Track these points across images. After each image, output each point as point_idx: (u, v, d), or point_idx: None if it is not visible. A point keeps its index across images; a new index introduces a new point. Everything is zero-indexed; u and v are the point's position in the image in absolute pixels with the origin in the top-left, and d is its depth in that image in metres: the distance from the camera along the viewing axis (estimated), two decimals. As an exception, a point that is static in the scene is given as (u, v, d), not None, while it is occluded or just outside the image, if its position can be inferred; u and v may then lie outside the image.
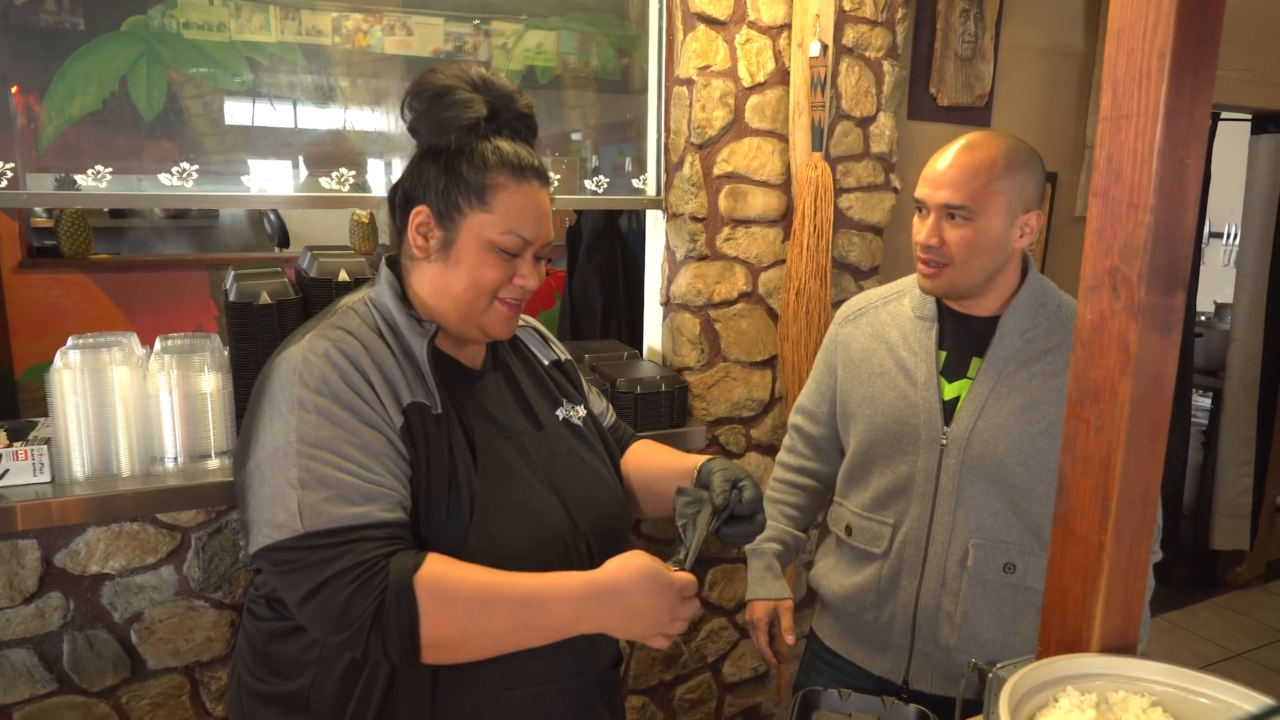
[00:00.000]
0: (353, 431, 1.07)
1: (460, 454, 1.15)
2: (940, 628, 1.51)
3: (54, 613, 1.71)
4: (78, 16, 1.77)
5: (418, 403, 1.13)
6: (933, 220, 1.44)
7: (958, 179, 1.41)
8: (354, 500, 1.05)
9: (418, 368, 1.16)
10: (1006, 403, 1.46)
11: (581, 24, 2.22)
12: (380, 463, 1.08)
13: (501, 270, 1.17)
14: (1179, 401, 3.77)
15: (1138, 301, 0.90)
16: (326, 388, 1.08)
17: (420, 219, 1.18)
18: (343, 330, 1.14)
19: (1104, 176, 0.93)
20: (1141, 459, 0.95)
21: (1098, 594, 0.97)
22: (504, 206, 1.15)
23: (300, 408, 1.07)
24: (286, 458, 1.05)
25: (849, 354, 1.63)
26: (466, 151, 1.16)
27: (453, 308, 1.19)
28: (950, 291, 1.48)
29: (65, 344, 1.72)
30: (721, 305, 2.34)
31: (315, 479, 1.05)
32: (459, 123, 1.15)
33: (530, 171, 1.18)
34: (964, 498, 1.48)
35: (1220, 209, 4.89)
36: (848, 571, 1.62)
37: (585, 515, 1.24)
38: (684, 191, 2.26)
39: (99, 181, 1.81)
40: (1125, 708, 0.90)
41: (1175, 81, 0.86)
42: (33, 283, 4.00)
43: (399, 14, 2.02)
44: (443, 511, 1.12)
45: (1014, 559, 1.48)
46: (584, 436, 1.34)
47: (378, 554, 1.04)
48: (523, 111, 1.22)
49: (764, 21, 2.24)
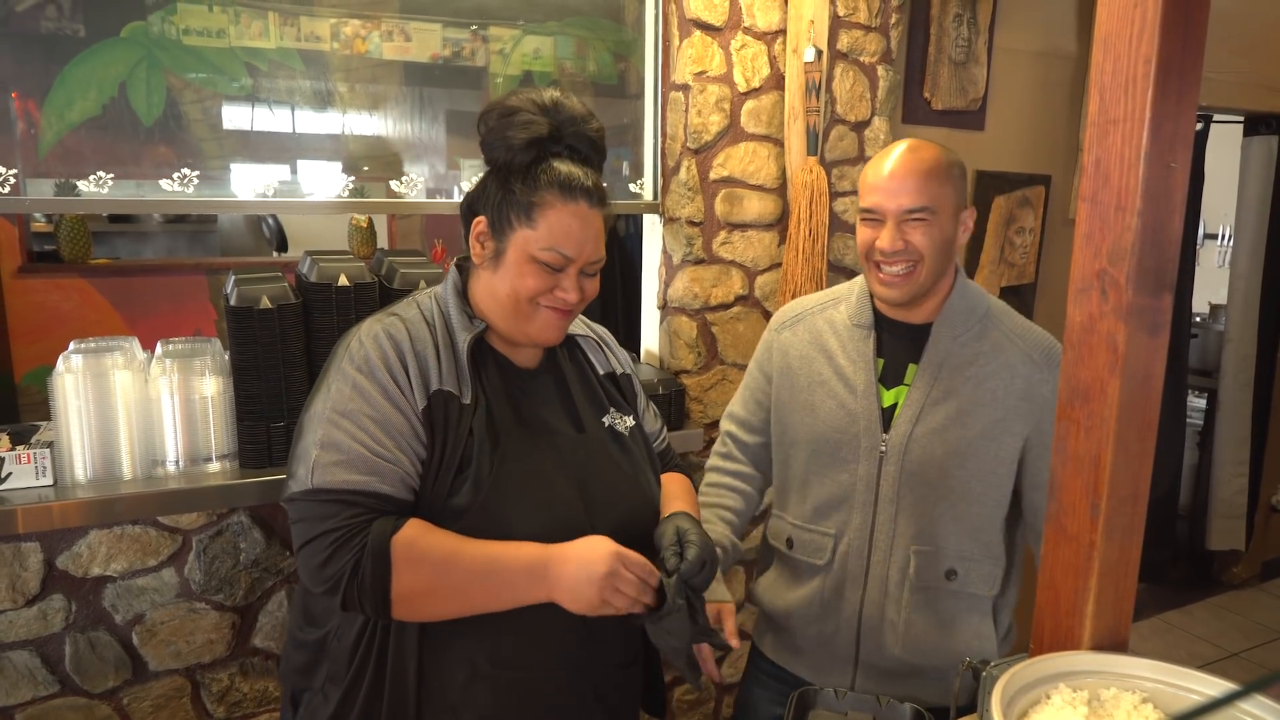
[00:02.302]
0: (376, 408, 1.19)
1: (480, 447, 1.22)
2: (885, 637, 1.50)
3: (56, 615, 1.72)
4: (78, 23, 1.78)
5: (445, 390, 1.23)
6: (891, 227, 1.44)
7: (913, 183, 1.42)
8: (359, 468, 1.16)
9: (456, 359, 1.26)
10: (942, 407, 1.47)
11: (578, 29, 2.23)
12: (394, 439, 1.19)
13: (542, 281, 1.24)
14: (1174, 402, 3.79)
15: (1126, 303, 0.92)
16: (366, 365, 1.21)
17: (479, 228, 1.28)
18: (397, 317, 1.27)
19: (1092, 180, 0.95)
20: (1131, 458, 0.96)
21: (1089, 592, 0.98)
22: (548, 224, 1.23)
23: (341, 379, 1.21)
24: (320, 421, 1.19)
25: (786, 361, 1.62)
26: (521, 169, 1.24)
27: (499, 312, 1.28)
28: (916, 294, 1.47)
29: (66, 348, 1.73)
30: (718, 308, 2.36)
31: (332, 443, 1.17)
32: (517, 141, 1.23)
33: (580, 192, 1.24)
34: (904, 505, 1.48)
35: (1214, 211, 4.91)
36: (790, 585, 1.60)
37: (608, 517, 1.28)
38: (680, 196, 2.28)
39: (100, 187, 1.82)
40: (1117, 704, 0.91)
41: (1161, 87, 0.88)
42: (33, 287, 4.01)
43: (397, 20, 2.04)
44: (445, 493, 1.21)
45: (955, 565, 1.48)
46: (626, 445, 1.38)
47: (364, 519, 1.16)
48: (588, 134, 1.28)
49: (759, 27, 2.26)
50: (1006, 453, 1.48)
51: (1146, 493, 0.99)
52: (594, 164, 1.30)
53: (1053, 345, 1.51)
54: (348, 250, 3.10)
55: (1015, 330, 1.52)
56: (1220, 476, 3.98)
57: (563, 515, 1.25)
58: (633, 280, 3.47)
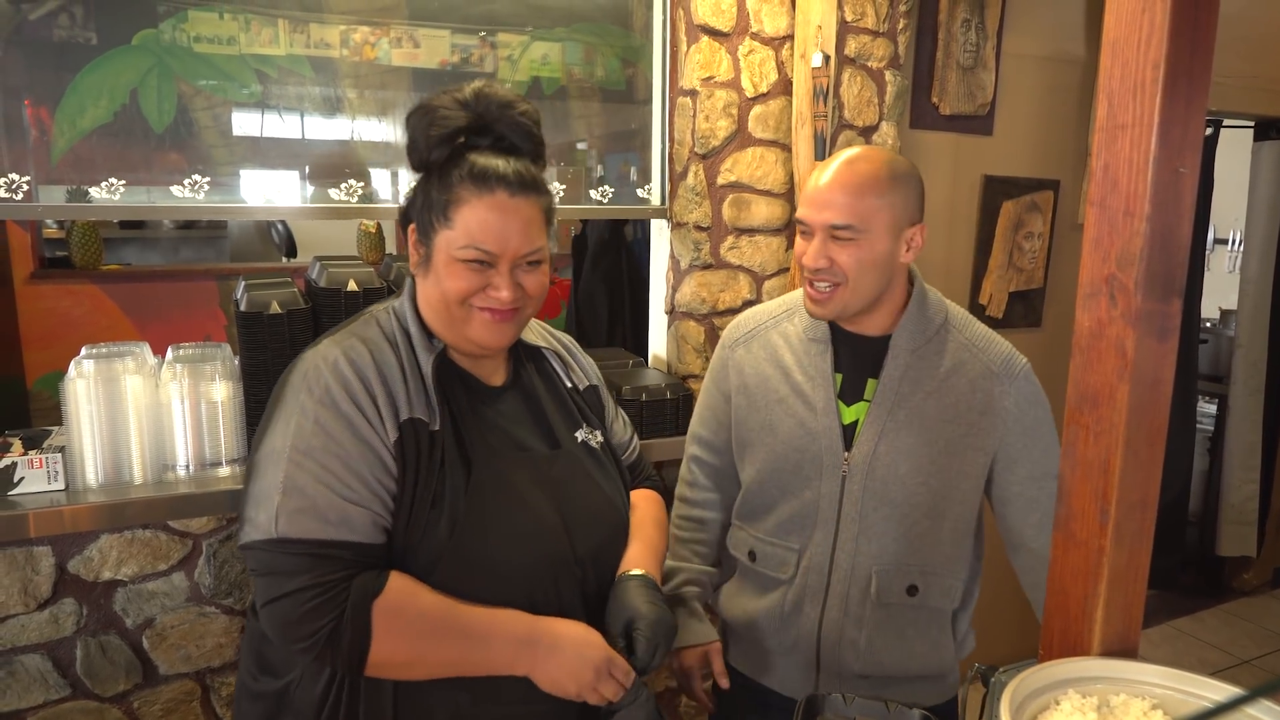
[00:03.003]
0: (343, 446, 1.10)
1: (452, 472, 1.16)
2: (844, 655, 1.48)
3: (67, 619, 1.73)
4: (90, 31, 1.79)
5: (415, 418, 1.15)
6: (818, 242, 1.39)
7: (841, 198, 1.36)
8: (328, 517, 1.08)
9: (422, 382, 1.19)
10: (905, 425, 1.43)
11: (586, 35, 2.24)
12: (363, 481, 1.11)
13: (469, 281, 1.17)
14: (1184, 408, 3.77)
15: (1135, 308, 0.91)
16: (328, 397, 1.11)
17: (413, 236, 1.22)
18: (357, 339, 1.18)
19: (1100, 186, 0.94)
20: (1140, 464, 0.96)
21: (1098, 598, 0.98)
22: (464, 221, 1.15)
23: (301, 414, 1.11)
24: (279, 460, 1.10)
25: (742, 379, 1.56)
26: (438, 168, 1.18)
27: (437, 318, 1.21)
28: (841, 314, 1.43)
29: (77, 353, 1.75)
30: (726, 313, 2.36)
31: (296, 487, 1.08)
32: (431, 138, 1.17)
33: (496, 182, 1.16)
34: (867, 524, 1.45)
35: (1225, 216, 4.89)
36: (752, 595, 1.57)
37: (588, 538, 1.25)
38: (688, 201, 2.28)
39: (111, 193, 1.83)
40: (1126, 711, 0.91)
41: (1169, 92, 0.88)
42: (44, 293, 4.04)
43: (406, 26, 2.05)
44: (419, 530, 1.14)
45: (916, 580, 1.46)
46: (600, 460, 1.34)
47: (342, 575, 1.08)
48: (515, 120, 1.20)
49: (766, 33, 2.26)
50: (972, 468, 1.45)
51: (1156, 498, 0.99)
52: (526, 152, 1.22)
53: (1012, 355, 1.47)
54: (356, 255, 3.11)
55: (975, 341, 1.48)
56: (1231, 482, 3.96)
57: (544, 542, 1.21)
58: (640, 285, 3.48)
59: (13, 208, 1.78)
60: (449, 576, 1.14)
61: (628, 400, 2.17)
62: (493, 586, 1.16)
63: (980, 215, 2.83)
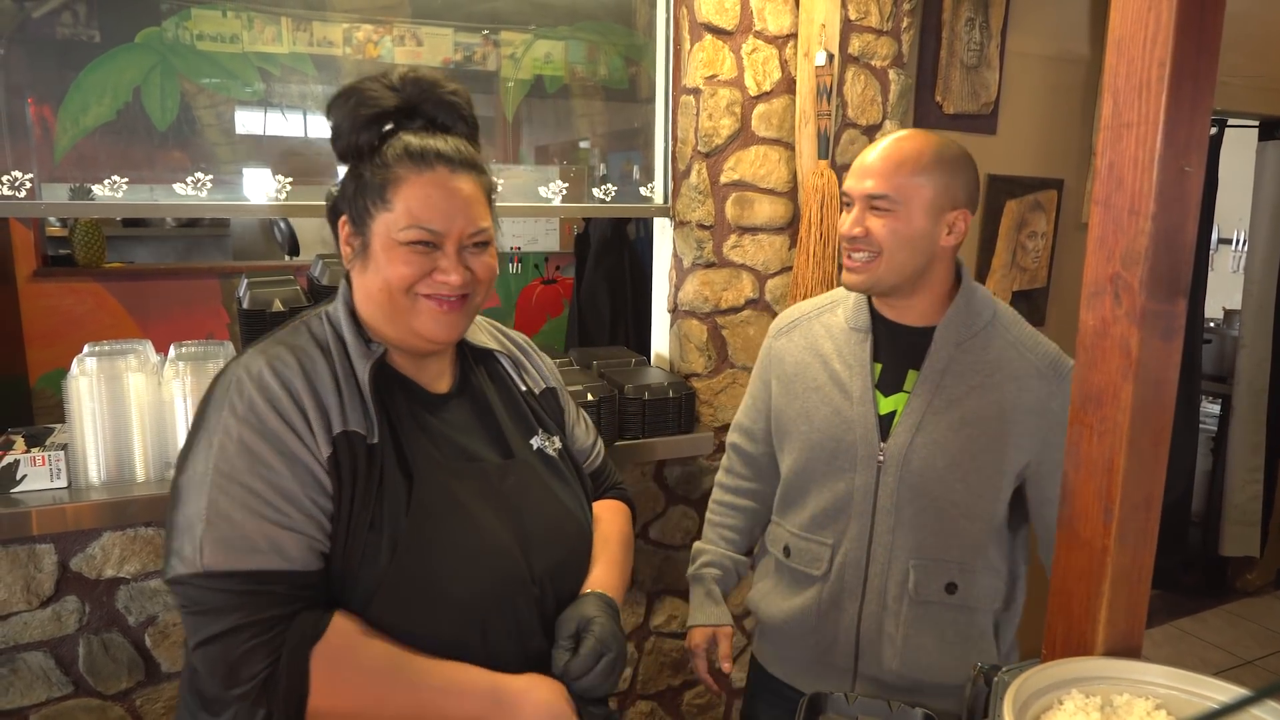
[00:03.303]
0: (270, 467, 1.02)
1: (391, 490, 1.07)
2: (883, 651, 1.46)
3: (70, 616, 1.73)
4: (93, 29, 1.79)
5: (351, 431, 1.06)
6: (857, 211, 1.41)
7: (882, 169, 1.39)
8: (258, 544, 1.00)
9: (359, 391, 1.09)
10: (944, 418, 1.42)
11: (589, 34, 2.24)
12: (295, 504, 1.02)
13: (415, 267, 1.08)
14: (1187, 408, 3.76)
15: (1139, 307, 0.91)
16: (253, 415, 1.03)
17: (345, 229, 1.13)
18: (285, 347, 1.09)
19: (1105, 184, 0.94)
20: (1144, 463, 0.95)
21: (1102, 597, 0.97)
22: (405, 200, 1.07)
23: (224, 434, 1.02)
24: (202, 485, 1.01)
25: (783, 368, 1.57)
26: (369, 150, 1.11)
27: (379, 313, 1.12)
28: (876, 286, 1.43)
29: (80, 351, 1.75)
30: (728, 312, 2.36)
31: (222, 516, 0.99)
32: (359, 120, 1.10)
33: (435, 158, 1.09)
34: (903, 516, 1.43)
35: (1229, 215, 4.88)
36: (787, 594, 1.56)
37: (546, 554, 1.17)
38: (691, 199, 2.28)
39: (114, 191, 1.83)
40: (1130, 710, 0.91)
41: (1175, 90, 0.87)
42: (47, 291, 4.04)
43: (409, 25, 2.05)
44: (358, 554, 1.05)
45: (955, 579, 1.44)
46: (557, 468, 1.25)
47: (278, 612, 1.00)
48: (445, 100, 1.14)
49: (770, 31, 2.26)
50: (1011, 467, 1.43)
51: (1160, 498, 0.98)
52: (460, 133, 1.15)
53: (1060, 358, 1.46)
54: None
55: (1023, 340, 1.47)
56: (1234, 483, 3.95)
57: (496, 561, 1.12)
58: (643, 283, 3.48)
59: (16, 205, 1.78)
60: (392, 604, 1.05)
61: (630, 399, 2.17)
62: (441, 613, 1.07)
63: (984, 214, 2.83)
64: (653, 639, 2.42)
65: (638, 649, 2.41)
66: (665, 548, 2.38)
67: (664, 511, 2.36)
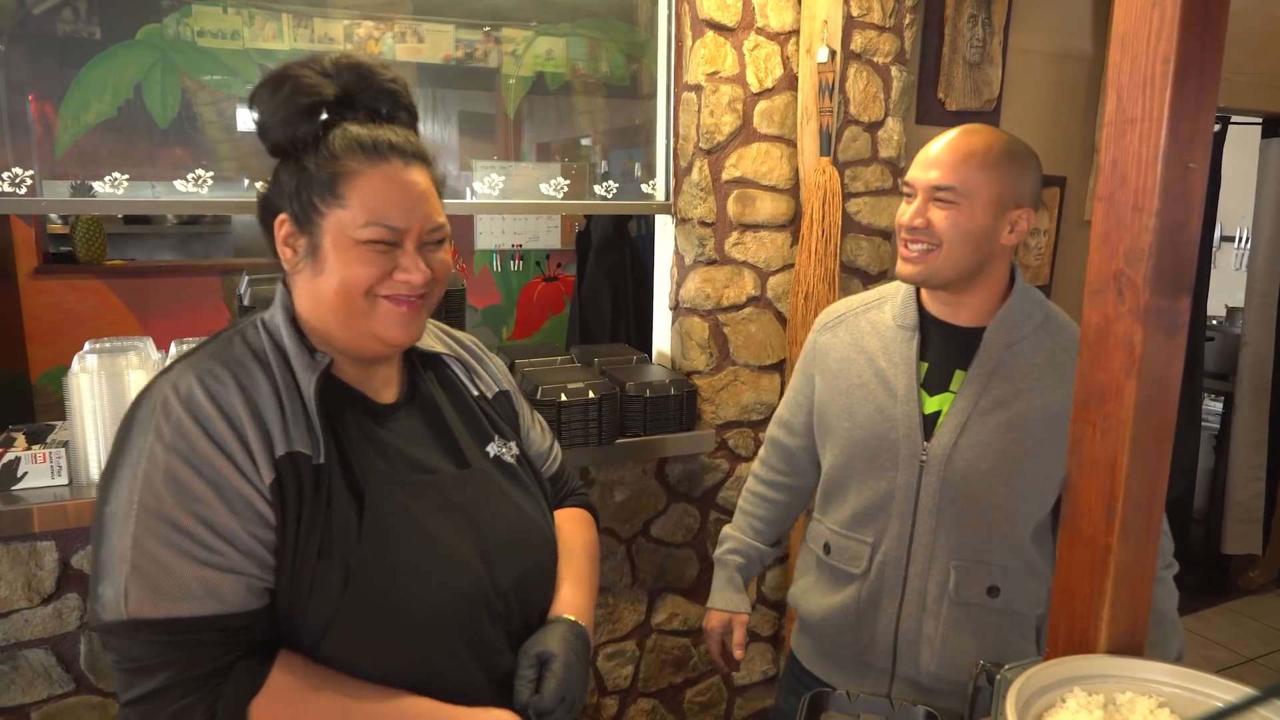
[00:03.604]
0: (202, 501, 0.91)
1: (340, 512, 0.98)
2: (921, 653, 1.45)
3: (71, 614, 1.73)
4: (94, 25, 1.79)
5: (295, 452, 0.97)
6: (919, 202, 1.39)
7: (949, 160, 1.36)
8: (190, 589, 0.89)
9: (303, 407, 1.00)
10: (990, 419, 1.40)
11: (591, 30, 2.23)
12: (232, 541, 0.92)
13: (373, 266, 1.00)
14: (1190, 405, 3.76)
15: (1143, 304, 0.91)
16: (182, 440, 0.92)
17: (284, 229, 1.03)
18: (218, 362, 0.99)
19: (1109, 181, 0.94)
20: (1148, 461, 0.95)
21: (1104, 595, 0.97)
22: (359, 196, 0.99)
23: (149, 462, 0.91)
24: (127, 522, 0.90)
25: (827, 363, 1.56)
26: (310, 142, 1.01)
27: (333, 318, 1.03)
28: (931, 279, 1.40)
29: (81, 349, 1.74)
30: (730, 309, 2.35)
31: (148, 557, 0.89)
32: (296, 108, 1.00)
33: (389, 150, 1.01)
34: (944, 517, 1.42)
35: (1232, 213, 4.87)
36: (826, 591, 1.55)
37: (510, 568, 1.10)
38: (693, 196, 2.27)
39: (115, 188, 1.83)
40: (1133, 709, 0.90)
41: (1179, 87, 0.87)
42: (49, 288, 4.05)
43: (410, 21, 2.04)
44: (306, 585, 0.95)
45: (997, 581, 1.42)
46: (516, 475, 1.18)
47: (214, 666, 0.90)
48: (385, 88, 1.05)
49: (772, 28, 2.25)
50: (1056, 472, 1.40)
51: (1163, 496, 0.98)
52: (402, 122, 1.07)
53: None
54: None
55: (1075, 345, 1.42)
56: (1236, 480, 3.94)
57: (458, 579, 1.04)
58: (644, 281, 3.48)
59: (16, 202, 1.78)
60: (349, 636, 0.96)
61: (631, 396, 2.17)
62: (404, 638, 0.99)
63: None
64: (654, 637, 2.42)
65: (639, 647, 2.40)
66: (666, 545, 2.38)
67: (665, 509, 2.36)
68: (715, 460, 2.39)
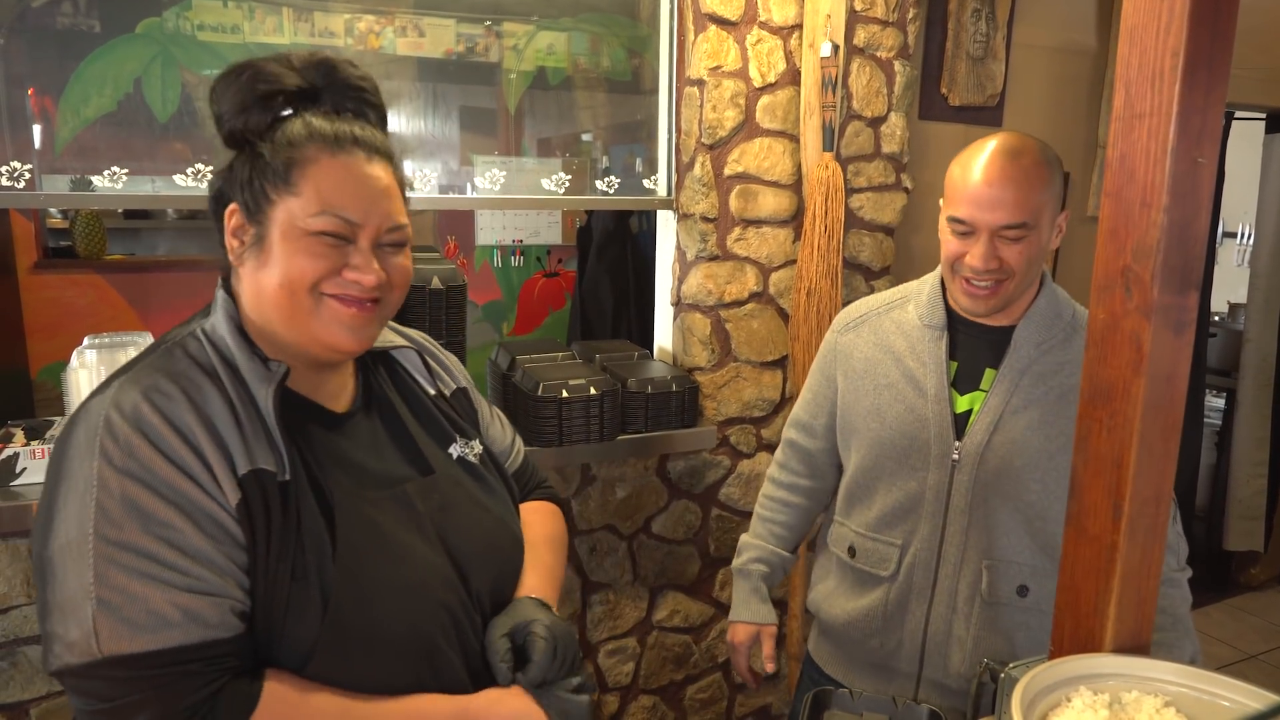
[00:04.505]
0: (169, 525, 0.85)
1: (311, 533, 0.92)
2: (951, 655, 1.43)
3: (70, 610, 1.72)
4: (93, 19, 1.78)
5: (258, 469, 0.90)
6: (985, 242, 1.32)
7: (1013, 196, 1.30)
8: (168, 618, 0.83)
9: (261, 421, 0.93)
10: (1022, 417, 1.39)
11: (592, 25, 2.22)
12: (207, 564, 0.86)
13: (320, 260, 0.93)
14: (1192, 402, 3.75)
15: (1150, 301, 0.90)
16: (134, 462, 0.85)
17: (234, 220, 0.97)
18: (162, 375, 0.91)
19: (1117, 176, 0.93)
20: (1154, 459, 0.94)
21: (1110, 594, 0.96)
22: (313, 183, 0.93)
23: (101, 490, 0.84)
24: (82, 555, 0.83)
25: (850, 364, 1.54)
26: (266, 128, 0.96)
27: (275, 315, 0.96)
28: (1002, 308, 1.39)
29: (81, 343, 1.74)
30: (732, 305, 2.35)
31: (116, 590, 0.82)
32: (253, 95, 0.95)
33: (351, 142, 0.95)
34: (977, 516, 1.40)
35: (1234, 209, 4.86)
36: (851, 595, 1.53)
37: (484, 572, 1.07)
38: (695, 192, 2.26)
39: (115, 183, 1.82)
40: (1138, 708, 0.90)
41: (1188, 80, 0.86)
42: (48, 283, 4.04)
43: (411, 16, 2.03)
44: (282, 609, 0.90)
45: (1027, 581, 1.41)
46: (481, 475, 1.14)
47: (200, 696, 0.84)
48: (352, 84, 1.00)
49: (775, 22, 2.24)
50: None
51: (1170, 494, 0.97)
52: (369, 121, 1.01)
53: None
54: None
55: None
56: (1239, 477, 3.94)
57: (435, 591, 1.01)
58: (645, 276, 3.47)
59: (16, 196, 1.77)
60: (332, 660, 0.91)
61: (633, 392, 2.16)
62: (387, 660, 0.95)
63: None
64: (655, 633, 2.41)
65: (640, 644, 2.40)
66: (668, 542, 2.37)
67: (667, 506, 2.36)
68: (717, 457, 2.39)
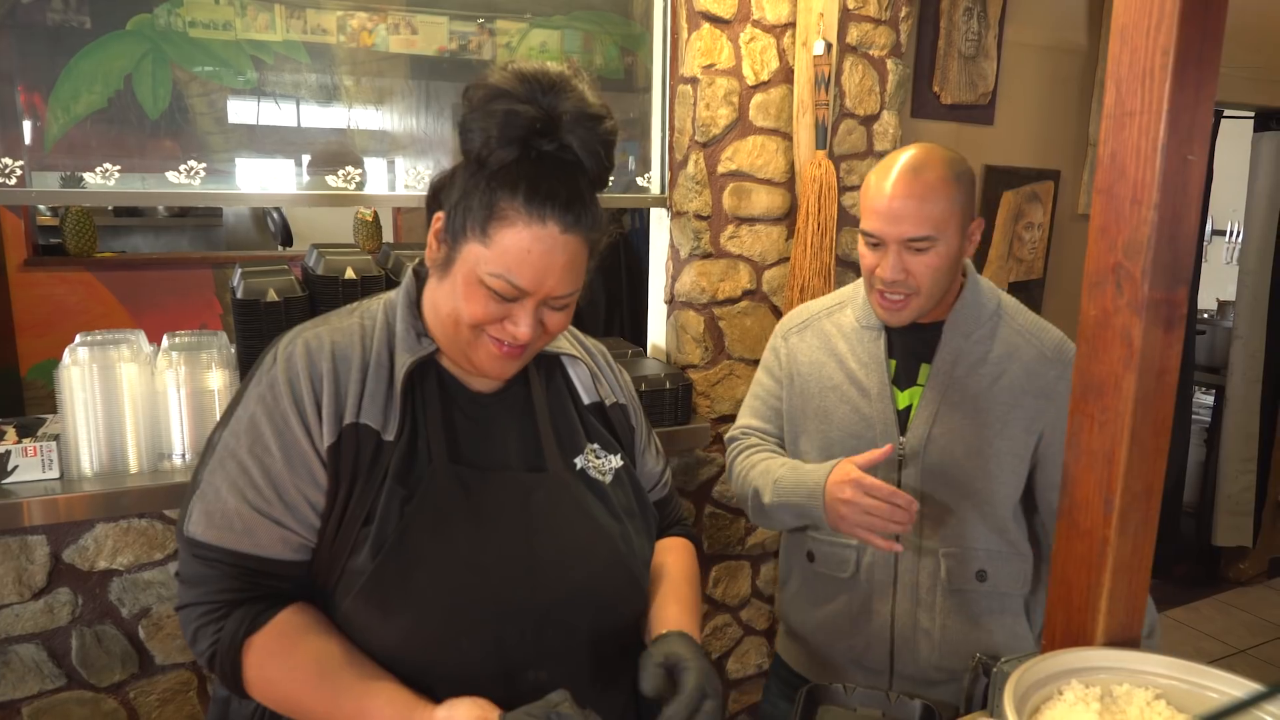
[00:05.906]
0: (268, 448, 1.00)
1: (391, 490, 1.01)
2: (919, 647, 1.47)
3: (62, 608, 1.72)
4: (84, 15, 1.77)
5: (362, 424, 1.03)
6: (893, 255, 1.37)
7: (915, 210, 1.34)
8: (233, 524, 0.99)
9: (390, 385, 1.05)
10: (959, 408, 1.44)
11: (585, 23, 2.22)
12: (280, 490, 1.00)
13: (488, 309, 1.02)
14: (1181, 398, 3.77)
15: (1141, 297, 0.91)
16: (270, 391, 1.02)
17: (438, 225, 1.05)
18: (327, 328, 1.08)
19: (1108, 173, 0.94)
20: (1145, 454, 0.95)
21: (1102, 588, 0.97)
22: (503, 245, 0.99)
23: (246, 404, 1.03)
24: (214, 450, 1.03)
25: (797, 367, 1.56)
26: (491, 168, 1.00)
27: (440, 329, 1.08)
28: (915, 318, 1.44)
29: (72, 341, 1.73)
30: (725, 303, 2.35)
31: (213, 488, 1.01)
32: (494, 133, 0.99)
33: (551, 210, 0.99)
34: (928, 508, 1.44)
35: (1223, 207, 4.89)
36: (815, 600, 1.55)
37: (558, 582, 1.06)
38: (688, 190, 2.27)
39: (105, 180, 1.81)
40: (1130, 701, 0.90)
41: (1179, 78, 0.87)
42: (38, 280, 4.02)
43: (404, 13, 2.03)
44: (347, 547, 1.01)
45: (985, 565, 1.45)
46: (602, 492, 1.14)
47: (233, 598, 1.00)
48: (594, 138, 1.02)
49: (768, 20, 2.25)
50: (1024, 450, 1.45)
51: (1161, 489, 0.98)
52: (588, 173, 1.03)
53: (1064, 341, 1.49)
54: (354, 244, 3.10)
55: (1028, 328, 1.50)
56: (1227, 473, 3.97)
57: (484, 585, 1.02)
58: (638, 274, 3.47)
59: (5, 193, 1.76)
60: (367, 604, 0.99)
61: (626, 390, 2.16)
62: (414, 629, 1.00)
63: (980, 205, 2.83)
64: (648, 630, 2.41)
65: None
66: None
67: (660, 502, 2.36)
68: (710, 454, 2.39)
